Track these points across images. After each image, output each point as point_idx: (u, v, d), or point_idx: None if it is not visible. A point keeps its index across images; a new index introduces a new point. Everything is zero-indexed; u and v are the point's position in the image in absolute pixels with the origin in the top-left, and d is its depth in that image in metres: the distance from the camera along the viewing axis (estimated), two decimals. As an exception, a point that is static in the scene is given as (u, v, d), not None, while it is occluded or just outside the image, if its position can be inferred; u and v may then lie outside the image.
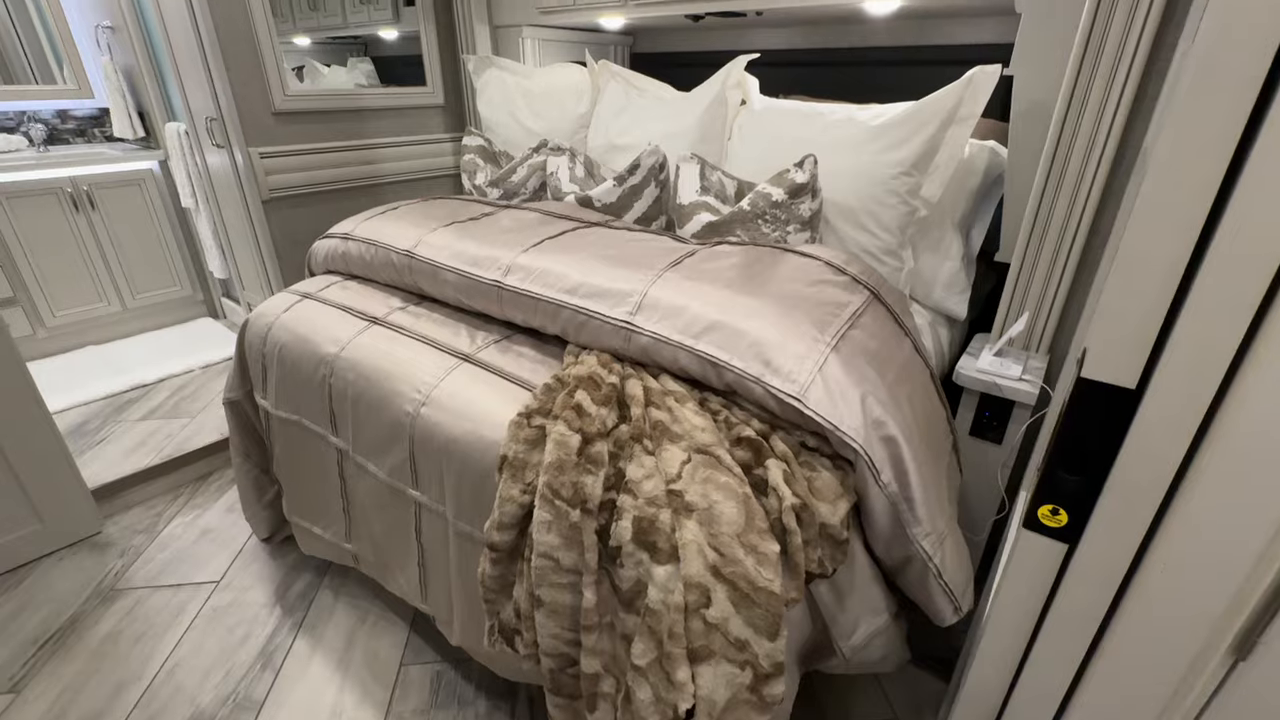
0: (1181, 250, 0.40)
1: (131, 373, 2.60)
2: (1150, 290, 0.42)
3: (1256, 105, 0.38)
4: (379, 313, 1.46)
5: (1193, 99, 0.40)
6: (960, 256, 1.61)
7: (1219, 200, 0.39)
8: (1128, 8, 1.19)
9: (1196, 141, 0.40)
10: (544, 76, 2.21)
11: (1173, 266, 0.41)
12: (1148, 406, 0.43)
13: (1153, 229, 0.42)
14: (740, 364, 1.02)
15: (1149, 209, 0.42)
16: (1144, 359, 0.43)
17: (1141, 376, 0.45)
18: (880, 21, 1.97)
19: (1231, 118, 0.39)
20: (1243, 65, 0.36)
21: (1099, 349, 0.46)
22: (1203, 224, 0.39)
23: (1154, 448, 0.44)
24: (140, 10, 2.64)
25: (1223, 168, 0.38)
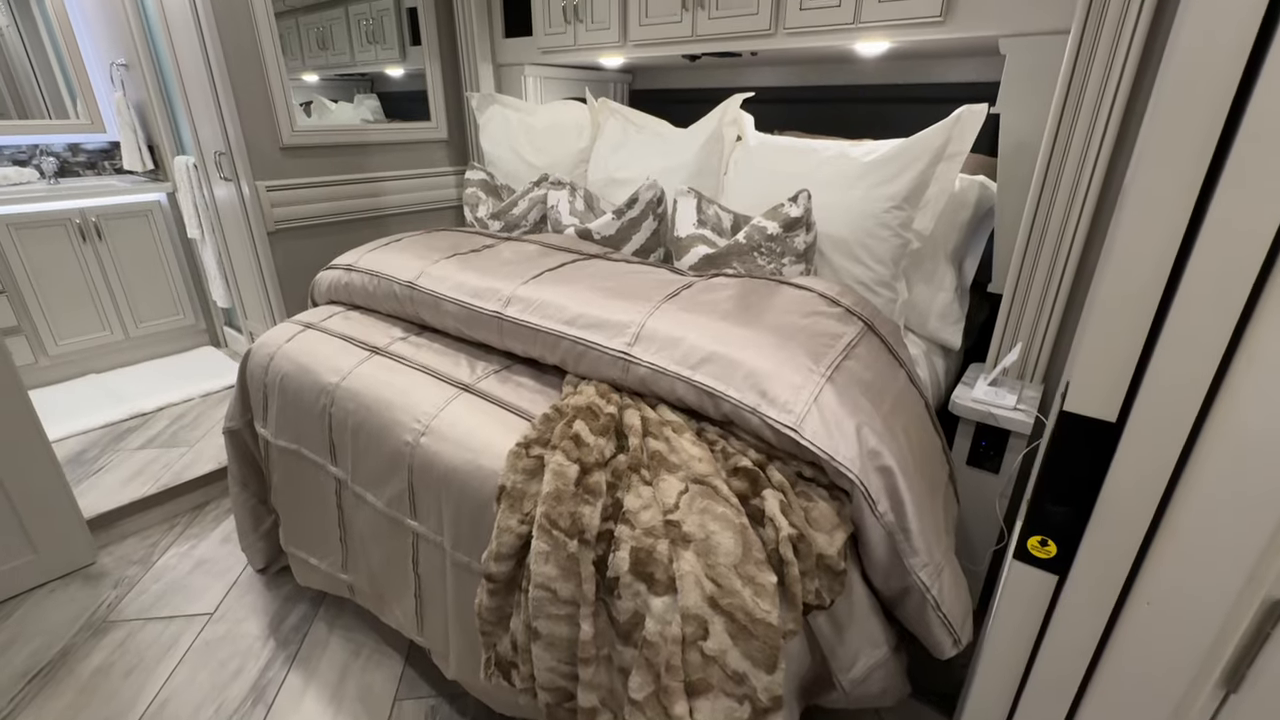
0: (1153, 291, 0.42)
1: (131, 401, 2.61)
2: (1126, 328, 0.44)
3: (1216, 154, 0.40)
4: (380, 343, 1.47)
5: (1159, 150, 0.42)
6: (953, 288, 1.64)
7: (1186, 243, 0.41)
8: (1107, 51, 1.24)
9: (1164, 189, 0.42)
10: (545, 113, 2.28)
11: (1145, 306, 0.43)
12: (1128, 440, 0.45)
13: (1127, 271, 0.44)
14: (736, 394, 1.04)
15: (1124, 252, 0.44)
16: (1122, 394, 0.45)
17: (1122, 411, 0.46)
18: (870, 62, 2.03)
19: (1195, 165, 0.41)
20: (1201, 120, 0.39)
21: (1080, 383, 0.47)
22: (1171, 265, 0.41)
23: (1136, 480, 0.45)
24: (154, 48, 2.72)
25: (1187, 213, 0.40)
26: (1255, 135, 0.36)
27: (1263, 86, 0.35)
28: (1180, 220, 0.40)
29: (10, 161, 2.87)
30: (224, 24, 1.98)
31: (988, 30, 1.44)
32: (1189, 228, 0.40)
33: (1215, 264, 0.39)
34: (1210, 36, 0.37)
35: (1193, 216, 0.40)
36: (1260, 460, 0.42)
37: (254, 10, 2.03)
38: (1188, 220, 0.41)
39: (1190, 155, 0.40)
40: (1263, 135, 0.36)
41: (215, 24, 1.96)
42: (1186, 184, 0.40)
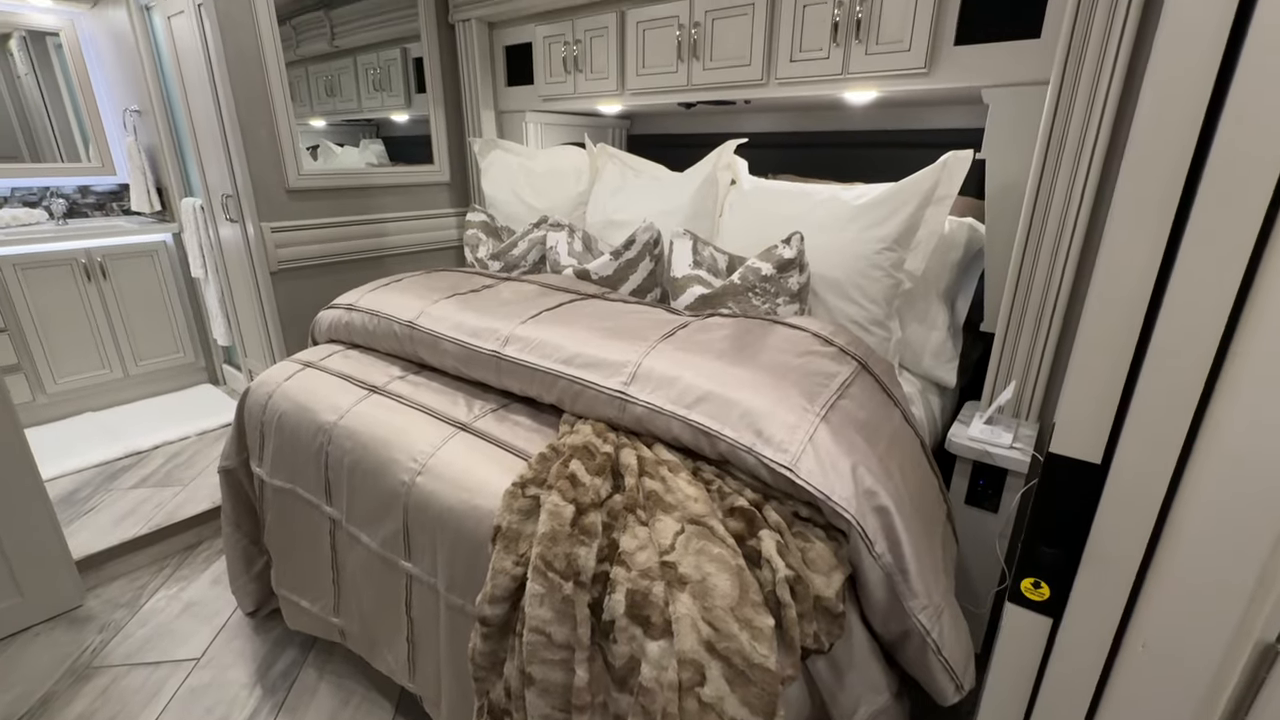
0: (1128, 336, 0.43)
1: (127, 439, 2.60)
2: (1105, 372, 0.45)
3: (1180, 210, 0.42)
4: (379, 381, 1.48)
5: (1127, 210, 0.44)
6: (946, 326, 1.66)
7: (1158, 290, 0.43)
8: (1085, 100, 1.29)
9: (1133, 246, 0.44)
10: (545, 158, 2.34)
11: (1122, 351, 0.44)
12: (1113, 482, 0.46)
13: (1103, 316, 0.45)
14: (732, 434, 1.04)
15: (1098, 299, 0.46)
16: (1105, 436, 0.46)
17: (1106, 453, 0.47)
18: (860, 109, 2.11)
19: (1159, 223, 0.43)
20: (1163, 181, 0.41)
21: (1064, 426, 0.48)
22: (1144, 313, 0.43)
23: (1122, 522, 0.46)
24: (167, 95, 2.81)
25: (1156, 264, 0.42)
26: (1212, 198, 0.38)
27: (1216, 153, 0.37)
28: (1149, 272, 0.42)
29: (20, 203, 2.93)
30: (236, 74, 2.06)
31: (970, 81, 1.50)
32: (1159, 278, 0.42)
33: (1186, 313, 0.40)
34: (1167, 106, 0.39)
35: (1162, 265, 0.42)
36: (1244, 502, 0.42)
37: (265, 61, 2.11)
38: (1156, 271, 0.42)
39: (1155, 214, 0.42)
40: (1219, 199, 0.38)
41: (228, 73, 2.04)
42: (1153, 241, 0.42)
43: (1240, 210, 0.40)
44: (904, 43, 1.55)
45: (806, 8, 1.67)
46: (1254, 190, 0.39)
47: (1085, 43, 1.27)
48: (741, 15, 1.78)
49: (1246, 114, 0.37)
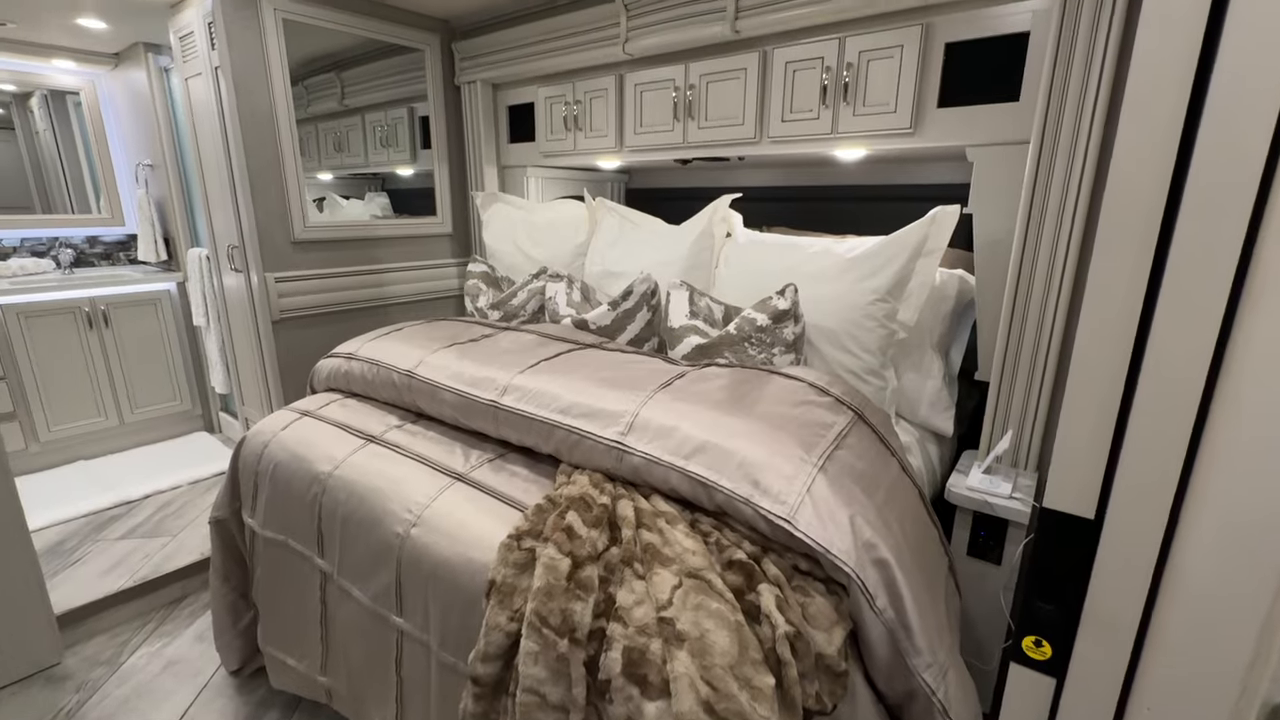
0: (1114, 391, 0.44)
1: (118, 489, 2.57)
2: (1092, 427, 0.46)
3: (1156, 264, 0.44)
4: (376, 430, 1.48)
5: (1105, 258, 0.46)
6: (941, 375, 1.68)
7: (1139, 346, 0.44)
8: (1066, 158, 1.34)
9: (1114, 298, 0.45)
10: (546, 210, 2.41)
11: (1109, 405, 0.45)
12: (1107, 537, 0.46)
13: (1089, 371, 0.47)
14: (729, 484, 1.04)
15: (1083, 355, 0.47)
16: (1097, 490, 0.46)
17: (1100, 507, 0.47)
18: (851, 165, 2.18)
19: (1138, 277, 0.45)
20: (1136, 250, 0.43)
21: (1056, 480, 0.49)
22: (1128, 367, 0.44)
23: (1119, 580, 0.46)
24: (180, 150, 2.91)
25: (1136, 318, 0.43)
26: (1181, 267, 0.40)
27: (1183, 221, 0.40)
28: (1129, 332, 0.43)
29: (29, 252, 2.99)
30: (249, 132, 2.13)
31: (954, 141, 1.56)
32: (1139, 336, 0.43)
33: (1168, 369, 0.41)
34: (1136, 173, 0.42)
35: (1142, 323, 0.43)
36: (1239, 559, 0.42)
37: (278, 120, 2.19)
38: (1135, 331, 0.44)
39: (1129, 276, 0.44)
40: (1189, 268, 0.40)
41: (241, 131, 2.11)
42: (1130, 300, 0.44)
43: (1212, 273, 0.42)
44: (890, 105, 1.62)
45: (796, 72, 1.75)
46: (1223, 257, 0.41)
47: (1062, 105, 1.33)
48: (734, 79, 1.87)
49: (1208, 202, 0.39)
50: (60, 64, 2.95)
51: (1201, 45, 0.43)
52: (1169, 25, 0.41)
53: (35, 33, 2.66)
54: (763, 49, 1.80)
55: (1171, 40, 0.41)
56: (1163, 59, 0.42)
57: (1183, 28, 0.41)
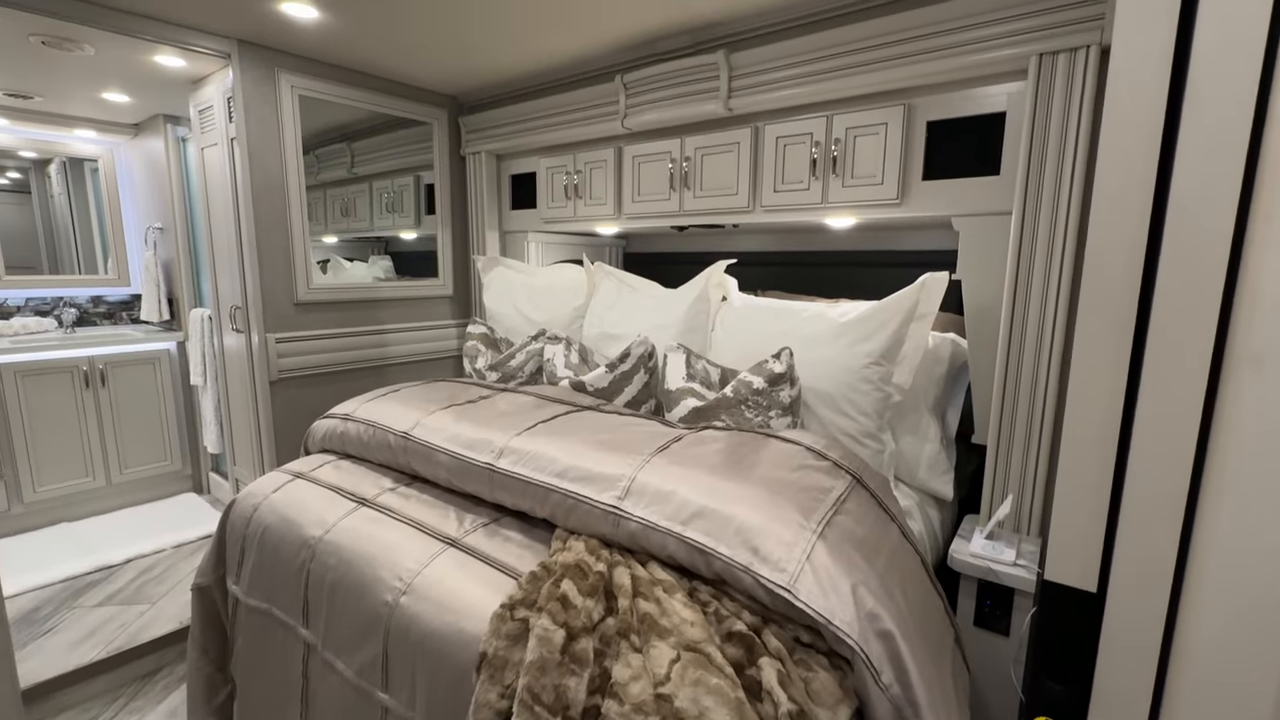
0: (1106, 465, 0.45)
1: (99, 552, 2.49)
2: (1087, 499, 0.46)
3: (1138, 331, 0.45)
4: (369, 493, 1.46)
5: (1086, 344, 0.48)
6: (939, 438, 1.68)
7: (1127, 419, 0.45)
8: (1048, 227, 1.39)
9: (1100, 371, 0.47)
10: (545, 274, 2.46)
11: (1101, 477, 0.45)
12: (1111, 612, 0.45)
13: (1079, 446, 0.47)
14: (728, 551, 1.02)
15: (1074, 434, 0.48)
16: (1097, 563, 0.46)
17: (1101, 579, 0.47)
18: (842, 232, 2.25)
19: (1120, 350, 0.46)
20: (1117, 313, 0.44)
21: (1055, 552, 0.48)
22: (1117, 440, 0.45)
23: (1126, 657, 0.45)
24: (191, 214, 2.99)
25: (1122, 388, 0.45)
26: (1160, 345, 0.41)
27: (1159, 302, 0.41)
28: (1116, 404, 0.44)
29: (33, 311, 3.02)
30: (260, 199, 2.20)
31: (940, 211, 1.62)
32: (1126, 408, 0.44)
33: (1156, 441, 0.42)
34: (1109, 256, 0.44)
35: (1128, 395, 0.44)
36: (1247, 640, 0.42)
37: (288, 188, 2.27)
38: (1122, 404, 0.45)
39: (1113, 350, 0.45)
40: (1168, 344, 0.42)
41: (252, 198, 2.18)
42: (1115, 372, 0.45)
43: (1191, 345, 0.43)
44: (877, 177, 1.69)
45: (787, 146, 1.84)
46: (1200, 331, 0.42)
47: (1041, 179, 1.39)
48: (728, 152, 1.96)
49: (1181, 280, 0.41)
50: (82, 133, 3.07)
51: (1163, 129, 0.46)
52: (1129, 127, 0.44)
53: (62, 105, 2.79)
54: (755, 125, 1.90)
55: (1134, 137, 0.45)
56: (1128, 148, 0.45)
57: (1144, 130, 0.44)
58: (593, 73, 2.25)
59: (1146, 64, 0.44)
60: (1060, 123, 1.36)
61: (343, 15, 1.85)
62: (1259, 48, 0.42)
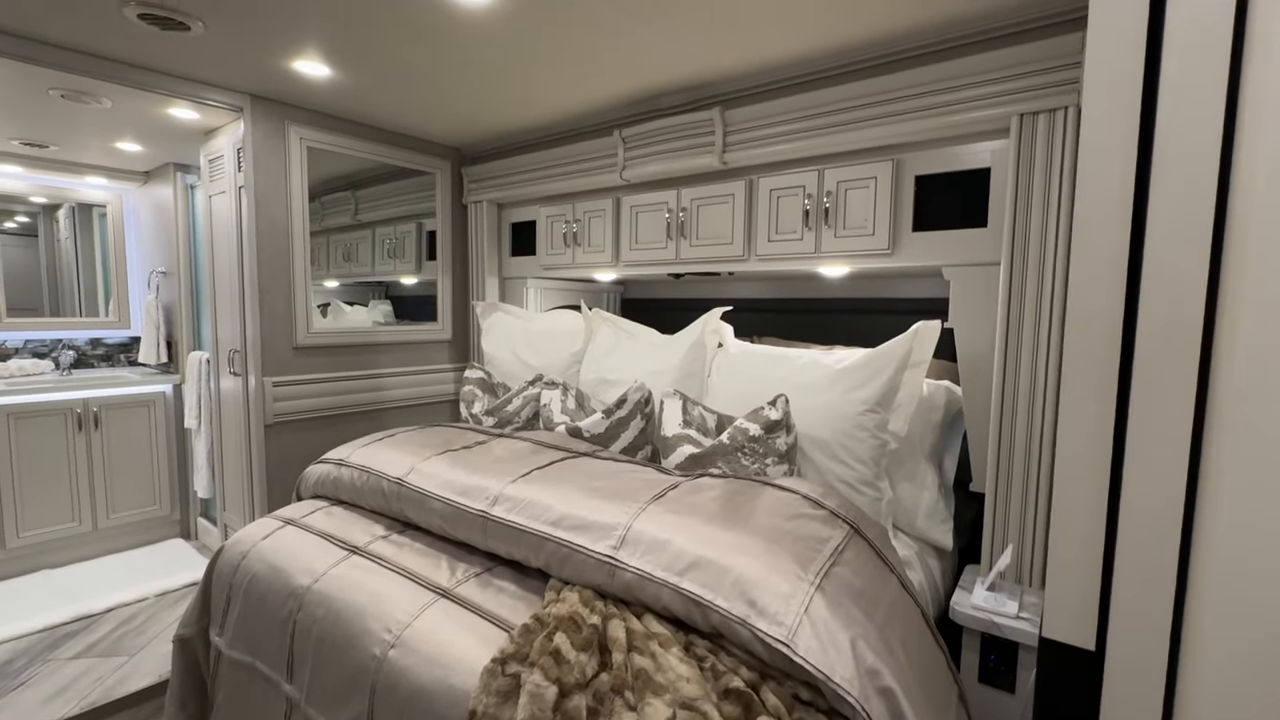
0: (1096, 526, 0.45)
1: (79, 601, 2.42)
2: (1081, 559, 0.46)
3: (1121, 388, 0.46)
4: (361, 541, 1.44)
5: (1073, 396, 0.49)
6: (936, 486, 1.67)
7: (1116, 474, 0.45)
8: (1036, 276, 1.42)
9: (1087, 427, 0.47)
10: (544, 320, 2.49)
11: (1093, 534, 0.46)
12: (1110, 671, 0.44)
13: (1072, 504, 0.48)
14: (725, 604, 1.00)
15: (1065, 491, 0.48)
16: (1094, 621, 0.46)
17: (1100, 638, 0.46)
18: (835, 279, 2.30)
19: (1105, 404, 0.47)
20: (1101, 370, 0.45)
21: (1053, 609, 0.48)
22: (1108, 499, 0.45)
23: (1128, 716, 0.44)
24: (195, 259, 3.04)
25: (1109, 445, 0.45)
26: (1144, 400, 0.42)
27: (1140, 362, 0.43)
28: (1104, 462, 0.45)
29: (31, 353, 3.02)
30: (264, 244, 2.24)
31: (930, 261, 1.66)
32: (1114, 468, 0.45)
33: (1145, 499, 0.42)
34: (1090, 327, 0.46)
35: (1115, 448, 0.45)
36: (1244, 696, 0.41)
37: (293, 235, 2.32)
38: (1110, 463, 0.45)
39: (1098, 403, 0.46)
40: (1151, 400, 0.43)
41: (256, 243, 2.22)
42: (1101, 427, 0.46)
43: (1174, 400, 0.44)
44: (868, 228, 1.73)
45: (780, 198, 1.89)
46: (1181, 386, 0.43)
47: (1027, 231, 1.43)
48: (723, 203, 2.01)
49: (1160, 347, 0.43)
50: (93, 180, 3.14)
51: (1134, 193, 0.48)
52: (1102, 199, 0.47)
53: (76, 154, 2.87)
54: (749, 177, 1.96)
55: (1107, 210, 0.47)
56: (1100, 217, 0.47)
57: (1115, 194, 0.46)
58: (592, 127, 2.34)
59: (1114, 134, 0.47)
60: (1044, 178, 1.40)
61: (353, 72, 1.93)
62: (1218, 117, 0.44)
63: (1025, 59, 1.42)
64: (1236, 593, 0.42)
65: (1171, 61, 0.44)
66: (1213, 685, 0.43)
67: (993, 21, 1.48)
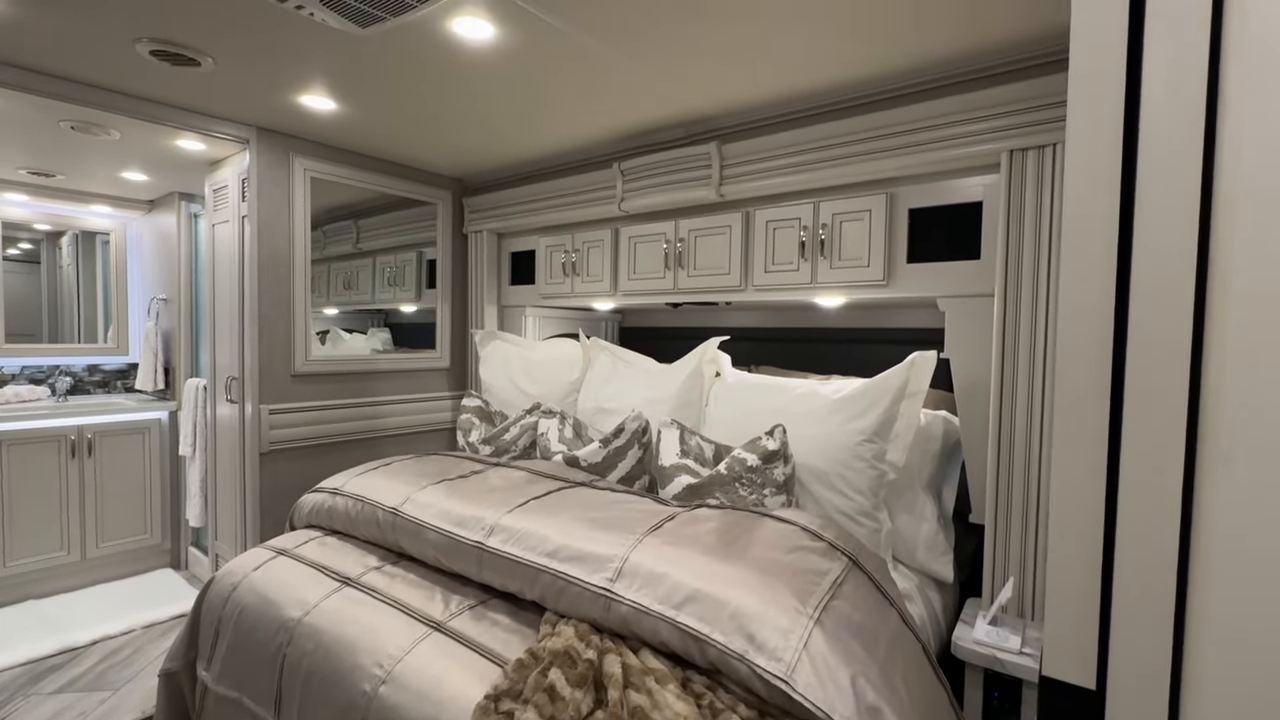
0: (1092, 563, 0.45)
1: (64, 633, 2.37)
2: (1078, 595, 0.46)
3: (1113, 423, 0.47)
4: (354, 572, 1.42)
5: (1065, 436, 0.49)
6: (935, 517, 1.66)
7: (1111, 508, 0.46)
8: (1030, 308, 1.44)
9: (1080, 462, 0.48)
10: (542, 348, 2.50)
11: (1090, 574, 0.45)
12: (1112, 711, 0.44)
13: (1065, 544, 0.48)
14: (722, 638, 0.99)
15: (1060, 529, 0.48)
16: (1094, 659, 0.45)
17: (1100, 676, 0.46)
18: (832, 309, 2.31)
19: (1098, 438, 0.47)
20: (1091, 410, 0.46)
21: (1052, 646, 0.48)
22: (1103, 535, 0.45)
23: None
24: (195, 286, 3.06)
25: (1103, 479, 0.45)
26: (1136, 436, 0.43)
27: (1129, 407, 0.43)
28: (1098, 497, 0.45)
29: (28, 380, 3.01)
30: (265, 272, 2.26)
31: (925, 292, 1.67)
32: (1109, 501, 0.45)
33: (1140, 537, 0.42)
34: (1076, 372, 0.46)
35: (1110, 483, 0.45)
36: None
37: (294, 263, 2.34)
38: (1104, 498, 0.46)
39: (1092, 440, 0.47)
40: (1143, 436, 0.43)
41: (258, 272, 2.24)
42: (1095, 463, 0.46)
43: (1165, 434, 0.45)
44: (863, 260, 1.75)
45: (776, 230, 1.92)
46: (1172, 423, 0.44)
47: (1019, 263, 1.45)
48: (720, 234, 2.04)
49: (1148, 391, 0.43)
50: (98, 208, 3.18)
51: (1119, 240, 0.49)
52: (1087, 235, 0.48)
53: (82, 183, 2.91)
54: (745, 209, 1.99)
55: (1090, 248, 0.48)
56: (1086, 268, 0.48)
57: (1100, 242, 0.47)
58: (592, 159, 2.38)
59: (1097, 178, 0.48)
60: (1034, 212, 1.43)
61: (358, 106, 1.97)
62: (1196, 170, 0.45)
63: (1013, 97, 1.46)
64: (1234, 639, 0.42)
65: (1149, 113, 0.46)
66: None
67: (981, 62, 1.53)
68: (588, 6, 1.33)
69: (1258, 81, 0.43)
